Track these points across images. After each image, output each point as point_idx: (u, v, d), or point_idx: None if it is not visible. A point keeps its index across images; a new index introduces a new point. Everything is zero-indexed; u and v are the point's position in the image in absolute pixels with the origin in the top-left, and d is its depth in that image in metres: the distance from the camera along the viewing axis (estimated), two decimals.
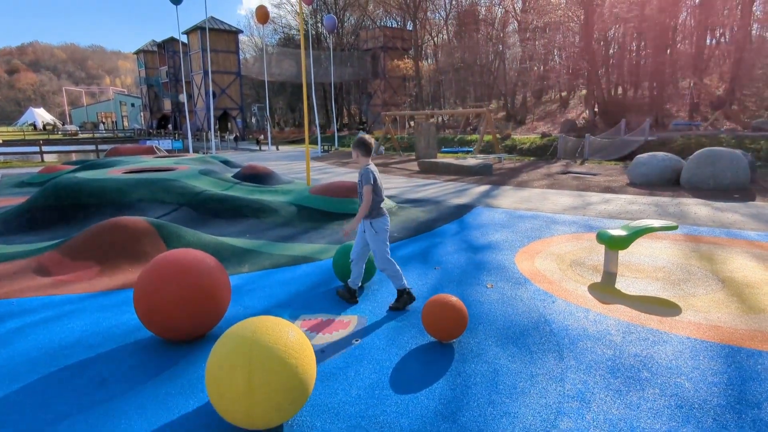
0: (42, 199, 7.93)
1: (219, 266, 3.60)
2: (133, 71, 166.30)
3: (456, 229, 7.25)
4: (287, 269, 5.33)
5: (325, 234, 6.91)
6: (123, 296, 4.52)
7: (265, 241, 6.48)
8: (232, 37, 44.44)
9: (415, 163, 19.74)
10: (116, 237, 5.57)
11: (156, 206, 7.87)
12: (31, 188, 12.49)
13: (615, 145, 23.44)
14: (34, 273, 5.21)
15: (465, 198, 10.33)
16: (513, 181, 13.39)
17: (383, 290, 4.60)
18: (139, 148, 17.80)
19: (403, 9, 49.55)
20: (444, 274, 5.06)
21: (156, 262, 3.38)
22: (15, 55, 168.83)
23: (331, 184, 8.45)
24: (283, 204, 7.99)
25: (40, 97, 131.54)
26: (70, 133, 59.59)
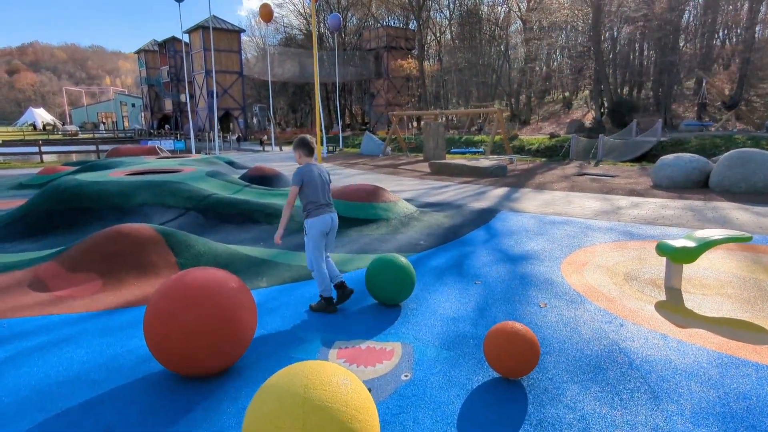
0: (40, 202, 7.40)
1: (243, 287, 3.07)
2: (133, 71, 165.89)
3: (485, 236, 6.72)
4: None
5: (345, 242, 6.38)
6: (128, 316, 3.99)
7: (281, 249, 5.95)
8: (234, 36, 43.93)
9: (424, 164, 19.22)
10: (120, 246, 5.04)
11: (161, 211, 7.34)
12: (29, 190, 11.96)
13: (627, 146, 22.93)
14: (29, 287, 4.67)
15: (485, 201, 9.80)
16: (530, 183, 12.86)
17: (422, 310, 4.07)
18: (141, 149, 17.28)
19: (407, 8, 49.03)
20: (487, 290, 4.52)
21: (170, 285, 2.84)
22: (15, 55, 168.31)
23: (347, 187, 7.92)
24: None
25: (40, 97, 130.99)
26: (70, 133, 59.04)
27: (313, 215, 3.97)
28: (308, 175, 3.95)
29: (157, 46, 53.47)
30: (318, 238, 4.00)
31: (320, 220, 3.97)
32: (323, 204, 4.01)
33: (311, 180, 3.95)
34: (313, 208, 3.97)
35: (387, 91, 52.23)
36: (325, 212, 4.00)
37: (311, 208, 3.98)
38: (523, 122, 42.75)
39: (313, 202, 3.97)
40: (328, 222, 4.01)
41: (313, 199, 3.96)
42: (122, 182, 7.93)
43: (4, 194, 11.51)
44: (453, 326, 3.72)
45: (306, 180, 3.94)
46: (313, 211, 3.97)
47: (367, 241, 6.36)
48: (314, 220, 3.97)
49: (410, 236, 6.63)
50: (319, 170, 4.06)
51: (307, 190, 3.96)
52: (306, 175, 3.95)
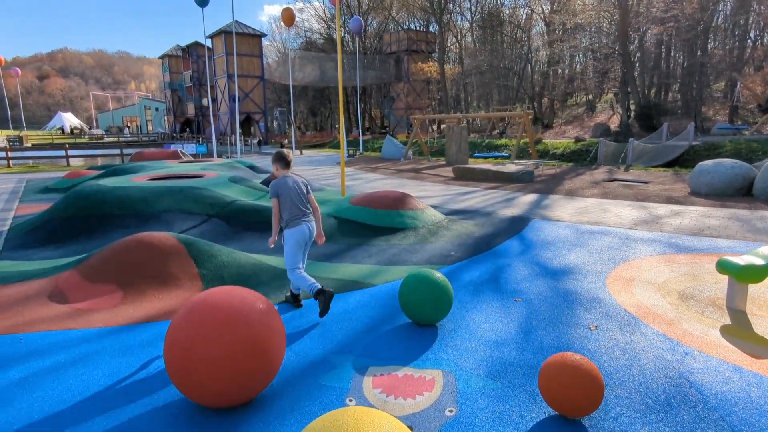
0: (62, 209, 7.31)
1: (271, 309, 2.80)
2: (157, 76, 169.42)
3: (520, 246, 6.36)
4: (337, 297, 4.52)
5: (372, 252, 6.10)
6: (149, 333, 3.77)
7: (307, 260, 5.69)
8: (256, 40, 44.24)
9: (447, 168, 18.86)
10: (141, 256, 4.84)
11: (183, 218, 7.17)
12: (54, 194, 12.00)
13: (658, 151, 22.20)
14: (48, 298, 4.50)
15: (515, 209, 9.42)
16: (560, 189, 12.41)
17: (461, 331, 3.75)
18: (163, 153, 17.32)
19: (428, 11, 48.77)
20: (529, 309, 4.18)
21: (193, 309, 2.59)
22: (45, 61, 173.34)
23: (373, 194, 7.65)
24: (321, 216, 7.20)
25: (68, 101, 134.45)
26: (96, 137, 60.29)
27: (290, 226, 4.16)
28: (283, 187, 4.13)
29: (181, 51, 54.24)
30: (295, 248, 4.19)
31: (297, 231, 4.15)
32: (299, 215, 4.16)
33: (286, 192, 4.12)
34: (289, 219, 4.14)
35: (407, 95, 51.99)
36: (302, 223, 4.17)
37: (288, 218, 4.15)
38: (545, 126, 42.03)
39: (289, 213, 4.13)
40: (305, 232, 4.19)
41: (289, 210, 4.13)
42: (143, 188, 7.80)
43: (31, 198, 11.57)
44: (497, 351, 3.40)
45: (281, 192, 4.12)
46: (291, 222, 4.15)
47: (395, 252, 6.07)
48: (291, 231, 4.16)
49: (440, 247, 6.32)
50: (294, 182, 4.19)
51: (283, 202, 4.14)
52: (281, 188, 4.13)
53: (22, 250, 6.44)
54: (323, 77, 49.33)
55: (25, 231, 7.22)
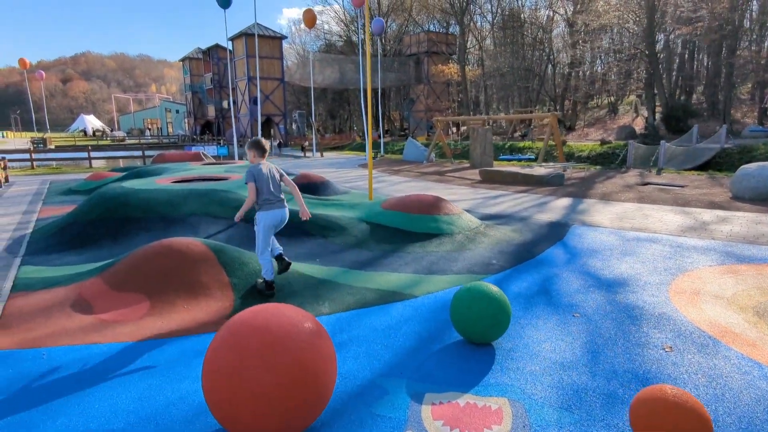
0: (85, 211, 7.12)
1: (321, 330, 2.48)
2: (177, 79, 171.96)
3: (565, 254, 5.96)
4: (378, 310, 4.19)
5: (408, 259, 5.76)
6: (178, 348, 3.49)
7: (339, 267, 5.38)
8: (276, 43, 44.32)
9: (471, 171, 18.45)
10: (168, 263, 4.58)
11: (209, 221, 6.93)
12: (77, 196, 11.92)
13: (688, 154, 21.47)
14: (72, 308, 4.26)
15: (550, 213, 8.99)
16: (593, 192, 11.92)
17: (521, 351, 3.39)
18: (185, 155, 17.24)
19: (448, 13, 48.39)
20: (590, 326, 3.80)
21: (235, 332, 2.28)
22: (69, 64, 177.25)
23: (406, 198, 7.31)
24: (352, 221, 6.90)
25: (91, 104, 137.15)
26: (117, 139, 61.14)
27: (263, 209, 4.41)
28: (258, 173, 4.33)
29: (201, 53, 54.69)
30: (266, 231, 4.43)
31: (270, 214, 4.40)
32: (273, 200, 4.41)
33: (261, 178, 4.33)
34: (263, 203, 4.40)
35: (427, 97, 51.59)
36: (276, 207, 4.43)
37: (262, 202, 4.40)
38: (568, 128, 41.24)
39: (263, 197, 4.38)
40: (278, 216, 4.45)
41: (263, 194, 4.37)
42: (168, 191, 7.58)
43: (54, 200, 11.50)
44: (565, 376, 3.02)
45: (257, 177, 4.32)
46: (264, 205, 4.40)
47: (433, 260, 5.72)
48: (264, 214, 4.41)
49: (480, 254, 5.95)
50: (268, 169, 4.42)
51: (258, 187, 4.34)
52: (257, 173, 4.33)
53: (45, 255, 6.26)
54: (343, 79, 49.20)
55: (48, 234, 7.05)
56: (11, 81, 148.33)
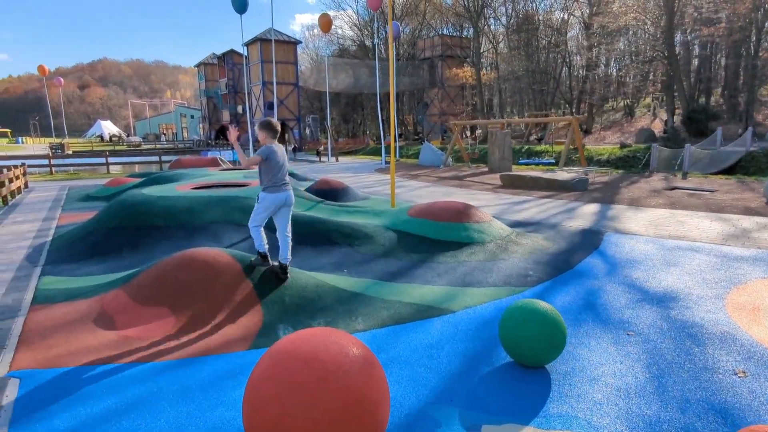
0: (106, 219, 6.98)
1: (370, 356, 2.24)
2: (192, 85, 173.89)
3: (604, 265, 5.66)
4: (415, 327, 3.94)
5: (440, 270, 5.50)
6: (208, 370, 3.27)
7: (370, 279, 5.14)
8: (290, 47, 44.44)
9: (490, 176, 18.13)
10: (194, 275, 4.38)
11: (231, 230, 6.74)
12: (96, 202, 11.87)
13: (713, 157, 20.92)
14: (94, 323, 4.08)
15: (580, 220, 8.67)
16: (620, 198, 11.55)
17: (578, 376, 3.11)
18: (202, 160, 17.18)
19: (463, 16, 48.17)
20: (649, 346, 3.51)
21: (280, 362, 2.05)
22: (86, 71, 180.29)
23: (433, 205, 7.05)
24: (378, 229, 6.66)
25: (107, 110, 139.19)
26: (133, 144, 61.79)
27: (269, 191, 4.43)
28: (273, 154, 4.35)
29: (216, 59, 55.06)
30: (264, 211, 4.48)
31: (274, 196, 4.43)
32: (280, 183, 4.44)
33: (275, 159, 4.36)
34: (270, 184, 4.41)
35: (441, 100, 51.32)
36: (282, 191, 4.46)
37: (269, 184, 4.41)
38: (585, 131, 40.66)
39: (273, 179, 4.40)
40: (282, 199, 4.47)
41: (273, 176, 4.39)
42: (189, 198, 7.42)
43: (73, 206, 11.45)
44: (633, 405, 2.74)
45: (271, 158, 4.33)
46: (270, 187, 4.42)
47: (466, 270, 5.45)
48: (268, 195, 4.43)
49: (514, 265, 5.67)
50: (282, 152, 4.48)
51: (269, 167, 4.37)
52: (272, 153, 4.34)
53: (65, 264, 6.11)
54: (357, 84, 49.18)
55: (68, 242, 6.93)
56: (30, 88, 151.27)
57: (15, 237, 8.00)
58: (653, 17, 34.48)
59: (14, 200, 12.95)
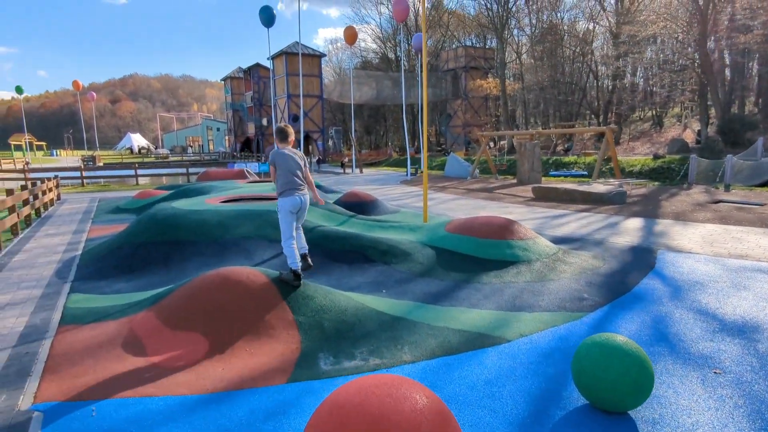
0: (137, 233, 6.82)
1: (446, 413, 1.89)
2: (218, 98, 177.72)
3: (665, 288, 5.19)
4: (468, 358, 3.57)
5: (486, 292, 5.12)
6: (246, 407, 2.96)
7: (411, 301, 4.79)
8: (315, 61, 44.82)
9: (520, 188, 17.64)
10: (227, 297, 4.11)
11: (263, 245, 6.49)
12: (126, 215, 11.84)
13: (754, 168, 19.97)
14: (123, 347, 3.83)
15: (627, 236, 8.16)
16: (664, 212, 10.96)
17: (669, 424, 2.69)
18: (230, 172, 17.16)
19: (487, 27, 47.90)
20: (742, 388, 3.06)
21: (338, 420, 1.72)
22: (118, 86, 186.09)
23: (473, 220, 6.68)
24: (415, 245, 6.31)
25: (137, 123, 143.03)
26: (161, 156, 63.05)
27: (284, 195, 4.45)
28: (280, 158, 4.46)
29: (242, 72, 55.91)
30: (287, 216, 4.48)
31: (289, 200, 4.43)
32: (293, 186, 4.44)
33: (283, 163, 4.44)
34: (284, 189, 4.45)
35: (465, 112, 50.96)
36: (295, 194, 4.44)
37: (282, 188, 4.46)
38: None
39: (284, 182, 4.45)
40: (297, 203, 4.46)
41: (284, 179, 4.45)
42: (220, 212, 7.22)
43: (103, 218, 11.43)
44: None
45: (278, 162, 4.45)
46: (285, 191, 4.45)
47: (515, 293, 5.05)
48: (284, 200, 4.45)
49: (566, 286, 5.25)
50: (291, 154, 4.49)
51: (279, 172, 4.46)
52: (278, 157, 4.46)
53: (94, 281, 5.94)
54: (379, 95, 49.26)
55: (97, 257, 6.78)
56: (65, 102, 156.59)
57: (46, 251, 7.92)
58: (684, 25, 33.57)
59: (47, 212, 13.05)
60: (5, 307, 5.07)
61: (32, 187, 11.51)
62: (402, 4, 22.16)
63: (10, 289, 5.72)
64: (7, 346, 4.04)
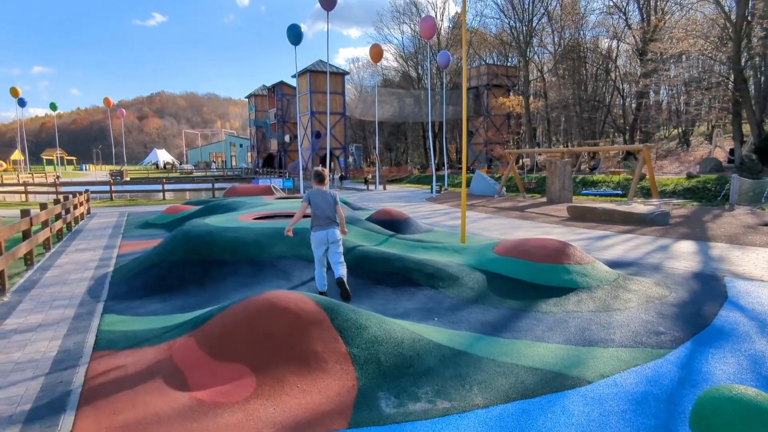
0: (171, 251, 6.58)
1: None
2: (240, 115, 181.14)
3: (749, 321, 4.68)
4: (549, 403, 3.15)
5: (548, 322, 4.68)
6: None
7: (469, 332, 4.39)
8: (338, 78, 45.16)
9: (553, 207, 17.11)
10: (275, 325, 3.77)
11: (301, 266, 6.18)
12: (155, 230, 11.71)
13: None
14: (164, 379, 3.51)
15: (684, 261, 7.63)
16: (714, 234, 10.36)
17: None
18: (256, 188, 17.04)
19: (510, 44, 47.78)
20: None
21: None
22: (145, 103, 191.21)
23: (525, 242, 6.26)
24: (463, 268, 5.92)
25: (162, 139, 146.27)
26: (186, 171, 63.99)
27: (313, 230, 5.24)
28: (314, 198, 5.18)
29: (266, 90, 56.69)
30: (315, 248, 5.28)
31: (315, 235, 5.22)
32: (321, 224, 5.18)
33: (316, 203, 5.16)
34: (313, 225, 5.24)
35: (487, 130, 50.62)
36: (320, 229, 5.19)
37: (313, 224, 5.24)
38: (637, 161, 38.79)
39: (314, 219, 5.22)
40: (322, 237, 5.19)
41: (314, 217, 5.20)
42: (255, 230, 6.95)
43: (133, 234, 11.31)
44: None
45: (312, 201, 5.18)
46: (313, 227, 5.23)
47: (581, 324, 4.61)
48: (313, 235, 5.25)
49: (635, 317, 4.79)
50: (324, 196, 5.19)
51: (312, 209, 5.18)
52: (312, 197, 5.19)
53: (128, 301, 5.68)
54: (401, 113, 49.32)
55: (130, 275, 6.55)
56: (95, 119, 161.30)
57: (77, 267, 7.74)
58: (715, 42, 32.82)
59: (78, 226, 13.03)
60: (38, 328, 4.83)
61: (64, 201, 11.47)
62: (429, 21, 22.11)
63: (43, 308, 5.50)
64: (40, 374, 3.77)
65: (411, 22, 58.09)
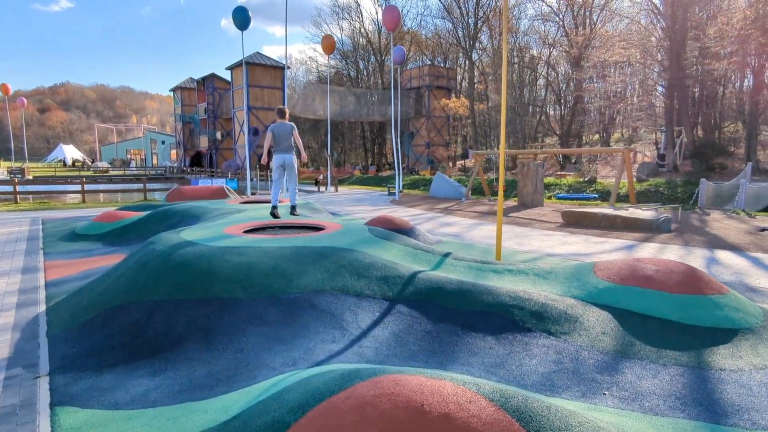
0: (145, 285, 4.47)
1: None
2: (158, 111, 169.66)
3: None
4: None
5: (737, 389, 3.28)
6: None
7: (685, 419, 2.86)
8: (278, 72, 42.40)
9: (532, 210, 16.23)
10: None
11: (350, 304, 4.33)
12: (90, 243, 9.15)
13: (760, 193, 19.79)
14: None
15: (760, 279, 6.68)
16: (719, 242, 9.74)
17: None
18: (206, 189, 14.57)
19: (458, 46, 47.61)
20: None
21: None
22: (47, 94, 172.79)
23: (639, 265, 4.84)
24: (574, 303, 4.38)
25: (68, 134, 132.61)
26: (101, 169, 57.70)
27: (274, 154, 7.17)
28: (276, 129, 7.12)
29: (195, 83, 52.35)
30: (276, 169, 7.24)
31: (276, 158, 7.17)
32: (279, 149, 7.17)
33: (277, 133, 7.10)
34: (275, 150, 7.18)
35: (429, 131, 50.12)
36: (279, 153, 7.19)
37: (274, 150, 7.18)
38: (574, 164, 39.93)
39: (275, 146, 7.18)
40: (280, 160, 7.19)
41: (275, 144, 7.16)
42: (267, 249, 4.99)
43: (58, 249, 8.66)
44: None
45: (274, 131, 7.10)
46: (275, 152, 7.18)
47: None
48: (274, 158, 7.17)
49: None
50: (283, 126, 7.14)
51: (274, 139, 7.13)
52: (274, 128, 7.13)
53: (91, 372, 3.56)
54: (343, 111, 47.45)
55: (81, 323, 4.36)
56: None
57: None
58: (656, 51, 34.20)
59: None
60: None
61: None
62: (393, 11, 20.60)
63: None
64: None
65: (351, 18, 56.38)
